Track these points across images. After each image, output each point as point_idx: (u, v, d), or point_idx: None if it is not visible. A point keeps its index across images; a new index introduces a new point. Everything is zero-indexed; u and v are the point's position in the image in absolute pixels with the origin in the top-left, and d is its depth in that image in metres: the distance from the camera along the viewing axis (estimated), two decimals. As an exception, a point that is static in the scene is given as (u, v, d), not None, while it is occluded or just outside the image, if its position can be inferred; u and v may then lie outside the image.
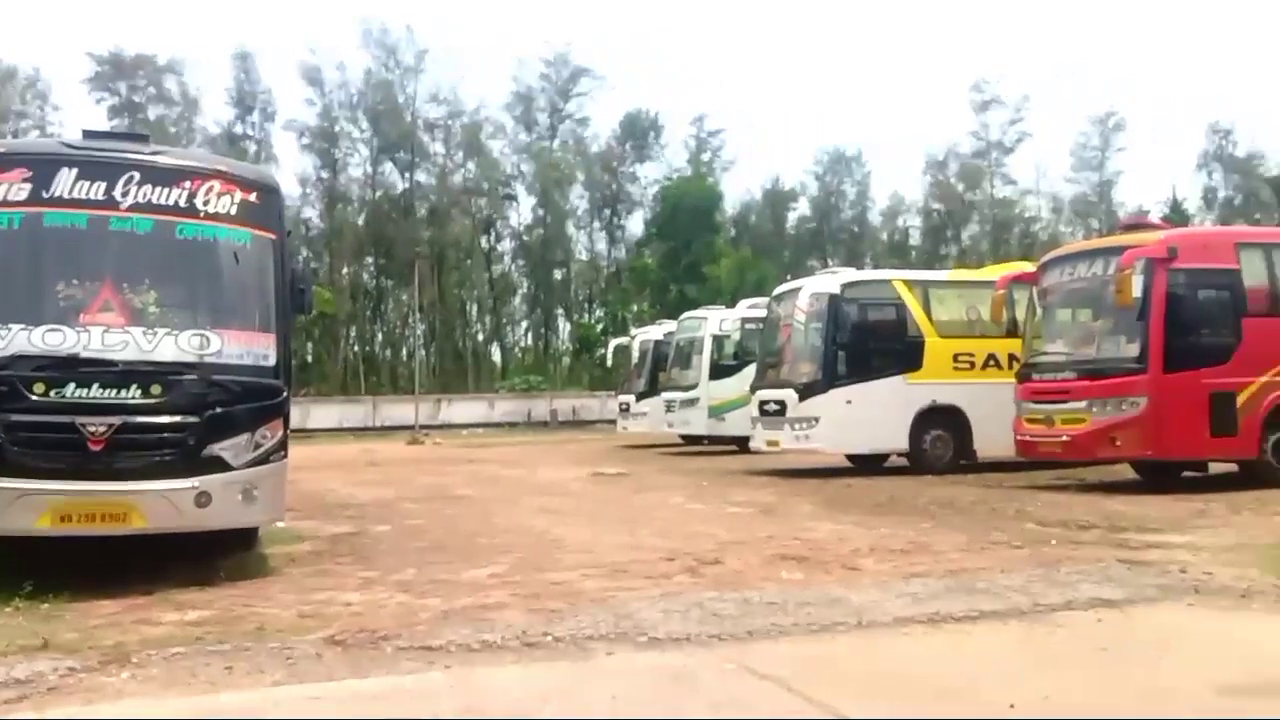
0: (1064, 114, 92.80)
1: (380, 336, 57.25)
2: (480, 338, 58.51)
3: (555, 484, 15.03)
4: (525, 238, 57.97)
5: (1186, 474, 12.56)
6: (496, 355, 58.53)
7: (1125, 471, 13.07)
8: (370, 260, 55.12)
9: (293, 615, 5.88)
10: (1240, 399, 11.42)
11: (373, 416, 40.80)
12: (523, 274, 59.27)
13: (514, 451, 25.08)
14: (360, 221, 54.20)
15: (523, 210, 58.35)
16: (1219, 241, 12.91)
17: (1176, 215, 49.13)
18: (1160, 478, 12.38)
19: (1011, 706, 3.96)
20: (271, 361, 7.16)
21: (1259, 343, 11.58)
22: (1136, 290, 11.40)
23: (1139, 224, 13.84)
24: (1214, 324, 11.66)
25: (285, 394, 7.25)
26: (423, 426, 34.93)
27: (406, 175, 55.09)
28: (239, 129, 53.93)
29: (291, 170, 53.84)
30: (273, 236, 7.36)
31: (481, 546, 8.55)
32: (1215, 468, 12.51)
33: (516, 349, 59.99)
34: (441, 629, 5.37)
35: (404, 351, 55.29)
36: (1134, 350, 11.57)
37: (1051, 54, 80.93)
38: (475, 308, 58.34)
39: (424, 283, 47.42)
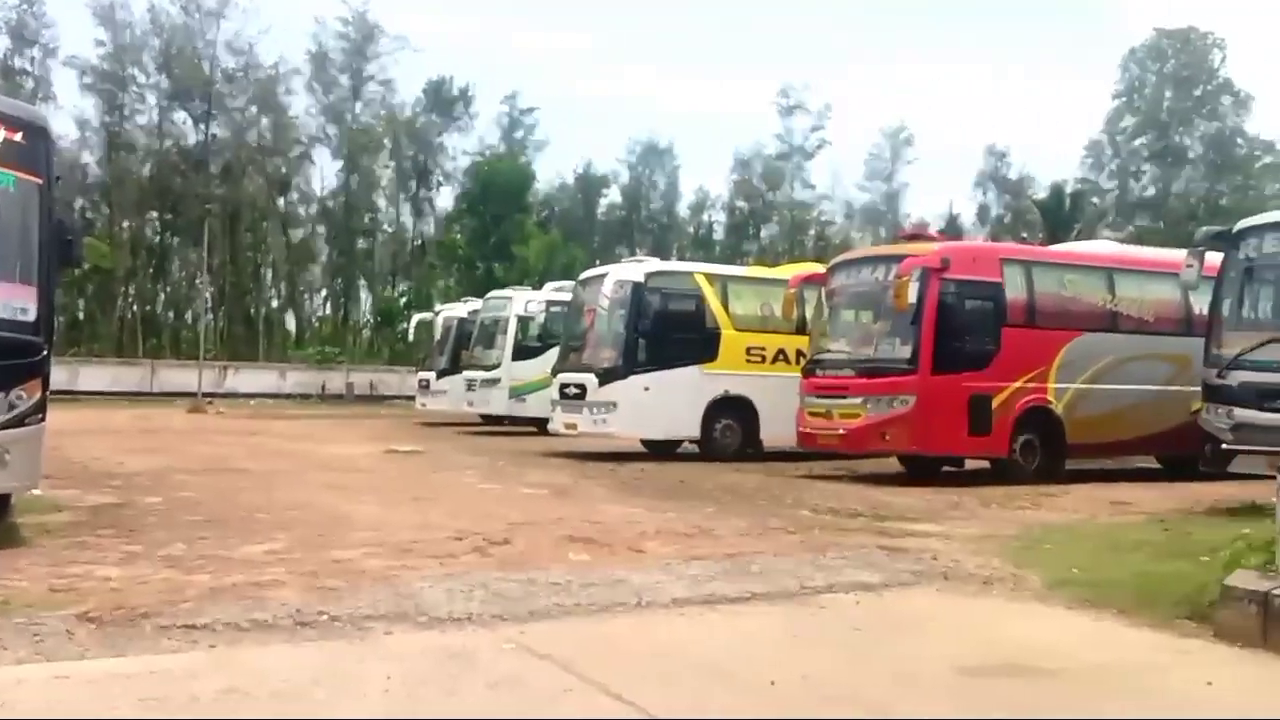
0: (860, 125, 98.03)
1: (163, 297, 53.47)
2: (274, 304, 55.68)
3: (346, 459, 14.61)
4: (328, 203, 55.63)
5: (946, 469, 13.59)
6: (291, 323, 55.95)
7: (894, 464, 14.00)
8: (155, 215, 51.39)
9: (43, 589, 5.50)
10: (995, 402, 12.47)
11: (151, 381, 38.36)
12: (323, 240, 56.87)
13: (305, 424, 24.17)
14: (145, 172, 50.41)
15: (326, 175, 56.03)
16: (986, 256, 13.99)
17: (952, 229, 52.84)
18: (923, 471, 13.35)
19: (772, 684, 4.20)
20: (31, 316, 6.66)
21: (1015, 351, 12.65)
22: (912, 296, 12.22)
23: (918, 235, 14.88)
24: (977, 332, 12.60)
25: (45, 352, 6.75)
26: (206, 394, 33.05)
27: (200, 127, 51.62)
28: (16, 63, 48.96)
29: (71, 112, 49.32)
30: (38, 181, 6.82)
31: (260, 522, 8.23)
32: (970, 464, 13.60)
33: (313, 318, 57.56)
34: (209, 607, 5.15)
35: (189, 314, 51.97)
36: (906, 352, 12.41)
37: (852, 67, 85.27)
38: (270, 272, 55.48)
39: (214, 242, 44.75)
